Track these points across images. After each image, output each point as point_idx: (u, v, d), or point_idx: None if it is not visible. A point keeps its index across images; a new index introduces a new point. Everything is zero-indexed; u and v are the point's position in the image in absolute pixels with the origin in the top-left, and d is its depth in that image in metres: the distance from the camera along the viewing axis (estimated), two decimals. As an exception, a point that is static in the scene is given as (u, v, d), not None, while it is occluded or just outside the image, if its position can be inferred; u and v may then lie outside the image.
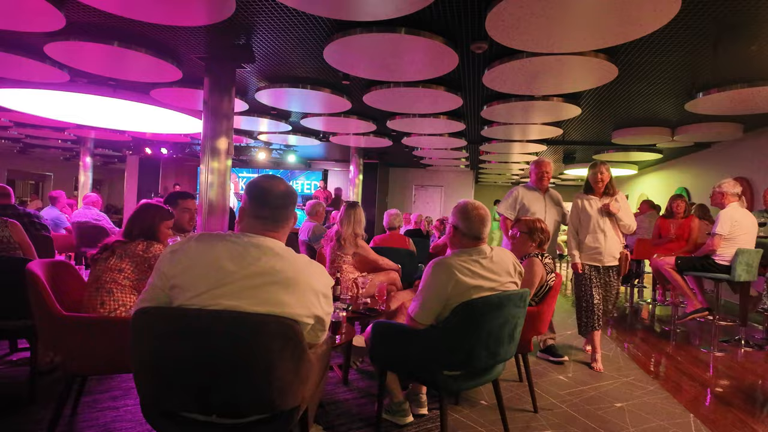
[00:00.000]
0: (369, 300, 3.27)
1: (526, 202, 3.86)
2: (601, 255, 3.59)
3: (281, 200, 1.52)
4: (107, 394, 2.60)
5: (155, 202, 2.54)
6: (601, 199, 3.63)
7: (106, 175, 17.34)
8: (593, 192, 3.68)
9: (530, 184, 3.99)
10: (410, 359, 2.10)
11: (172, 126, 7.91)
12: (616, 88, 5.00)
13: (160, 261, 1.46)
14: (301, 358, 1.48)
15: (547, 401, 2.87)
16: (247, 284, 1.40)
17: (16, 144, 11.90)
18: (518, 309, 2.06)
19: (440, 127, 7.21)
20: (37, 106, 6.73)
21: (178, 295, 1.41)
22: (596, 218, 3.58)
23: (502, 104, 5.55)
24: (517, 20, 3.31)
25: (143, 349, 1.45)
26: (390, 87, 5.18)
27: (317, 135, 8.74)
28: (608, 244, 3.57)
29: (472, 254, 1.98)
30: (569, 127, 6.94)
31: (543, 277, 2.60)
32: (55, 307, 1.91)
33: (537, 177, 3.92)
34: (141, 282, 2.27)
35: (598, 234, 3.58)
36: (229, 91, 4.80)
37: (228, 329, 1.38)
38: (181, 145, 11.16)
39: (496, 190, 16.33)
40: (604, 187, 3.63)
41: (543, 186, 3.93)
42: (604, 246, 3.57)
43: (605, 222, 3.58)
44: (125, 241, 2.22)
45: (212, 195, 4.74)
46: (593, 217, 3.60)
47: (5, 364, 3.00)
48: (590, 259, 3.62)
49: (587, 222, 3.62)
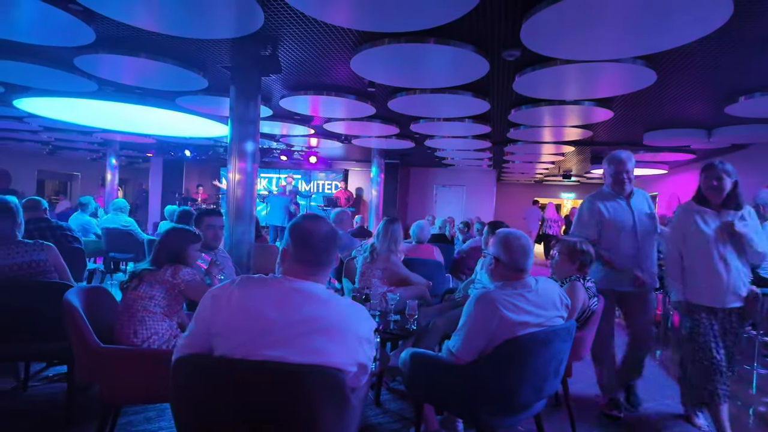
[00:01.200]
0: (399, 317, 3.20)
1: (608, 215, 2.94)
2: (721, 293, 2.58)
3: (324, 243, 1.46)
4: (141, 415, 2.60)
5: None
6: (720, 214, 2.63)
7: (131, 174, 17.65)
8: (707, 204, 2.67)
9: (606, 189, 3.06)
10: (449, 394, 2.03)
11: (197, 130, 7.98)
12: (652, 92, 4.81)
13: (201, 307, 1.42)
14: (344, 407, 1.43)
15: (584, 428, 2.76)
16: (290, 333, 1.35)
17: (45, 146, 12.19)
18: (565, 344, 1.96)
19: (465, 130, 7.08)
20: (66, 113, 6.85)
21: (221, 344, 1.36)
22: (713, 241, 2.58)
23: (532, 108, 5.41)
24: (553, 28, 3.18)
25: (184, 396, 1.41)
26: (416, 93, 5.09)
27: (339, 138, 8.69)
28: (731, 278, 2.57)
29: (517, 287, 1.89)
30: (599, 128, 6.73)
31: (585, 302, 2.49)
32: (93, 340, 1.90)
33: (614, 180, 2.97)
34: (171, 308, 2.26)
35: (716, 263, 2.57)
36: (255, 99, 4.77)
37: (271, 381, 1.34)
38: (204, 147, 11.26)
39: (519, 189, 16.09)
40: (725, 198, 2.64)
41: (624, 191, 2.99)
42: (726, 280, 2.56)
43: (727, 246, 2.58)
44: (154, 269, 2.20)
45: (239, 195, 4.71)
46: (709, 240, 2.58)
47: (41, 381, 3.04)
48: (704, 297, 2.61)
49: (699, 245, 2.60)
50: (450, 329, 3.27)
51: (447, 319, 3.30)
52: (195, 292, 2.23)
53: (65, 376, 2.95)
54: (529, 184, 16.25)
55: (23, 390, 2.86)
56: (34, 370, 3.10)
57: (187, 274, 2.22)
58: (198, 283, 2.25)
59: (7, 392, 2.80)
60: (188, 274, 2.22)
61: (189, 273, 2.22)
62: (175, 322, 2.29)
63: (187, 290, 2.22)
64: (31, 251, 2.48)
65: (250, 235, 4.85)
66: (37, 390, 2.91)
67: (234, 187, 4.71)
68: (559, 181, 14.71)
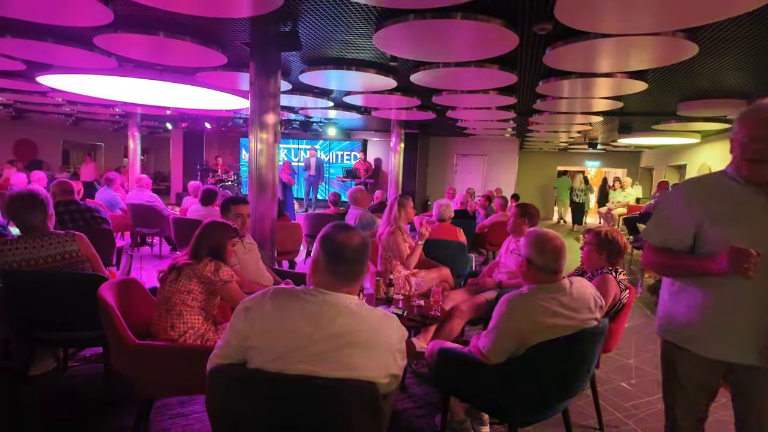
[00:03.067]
0: (423, 302, 3.19)
1: (718, 212, 1.61)
2: None
3: (356, 255, 1.43)
4: (176, 399, 2.69)
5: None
6: None
7: (152, 143, 17.82)
8: None
9: (729, 172, 1.67)
10: (478, 391, 2.03)
11: (217, 103, 7.92)
12: (690, 63, 4.53)
13: (234, 318, 1.43)
14: (377, 416, 1.44)
15: (612, 416, 2.77)
16: (324, 347, 1.35)
17: (68, 118, 12.33)
18: (597, 344, 1.93)
19: (489, 102, 6.86)
20: (87, 89, 6.85)
21: (255, 357, 1.37)
22: None
23: (561, 81, 5.18)
24: (588, 2, 2.99)
25: (220, 405, 1.44)
26: (440, 67, 4.91)
27: (359, 110, 8.54)
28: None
29: (551, 291, 1.85)
30: (630, 99, 6.43)
31: (616, 296, 2.43)
32: (128, 337, 1.95)
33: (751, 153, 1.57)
34: (209, 302, 2.29)
35: None
36: (275, 74, 4.69)
37: (306, 395, 1.35)
38: (224, 119, 11.23)
39: (542, 157, 15.72)
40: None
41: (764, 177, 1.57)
42: None
43: None
44: (193, 262, 2.22)
45: (262, 164, 4.70)
46: None
47: (79, 361, 3.16)
48: None
49: None
50: (474, 315, 3.28)
51: (471, 304, 3.29)
52: (229, 295, 2.26)
53: (101, 357, 3.07)
54: (553, 152, 15.84)
55: (63, 371, 2.99)
56: (72, 350, 3.22)
57: (227, 274, 2.23)
58: (234, 288, 2.27)
59: (49, 373, 2.93)
60: (228, 274, 2.23)
61: (229, 274, 2.24)
62: (211, 316, 2.32)
63: (223, 291, 2.24)
64: (63, 242, 2.52)
65: (273, 210, 4.87)
66: (77, 371, 3.03)
67: (256, 159, 4.70)
68: (584, 149, 14.31)
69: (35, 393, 2.70)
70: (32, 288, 2.43)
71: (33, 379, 2.78)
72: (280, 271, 3.70)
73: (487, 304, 3.24)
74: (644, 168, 15.10)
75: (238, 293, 2.26)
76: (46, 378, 2.89)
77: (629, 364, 3.51)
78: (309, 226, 6.07)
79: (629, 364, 3.52)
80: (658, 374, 3.26)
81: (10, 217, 2.58)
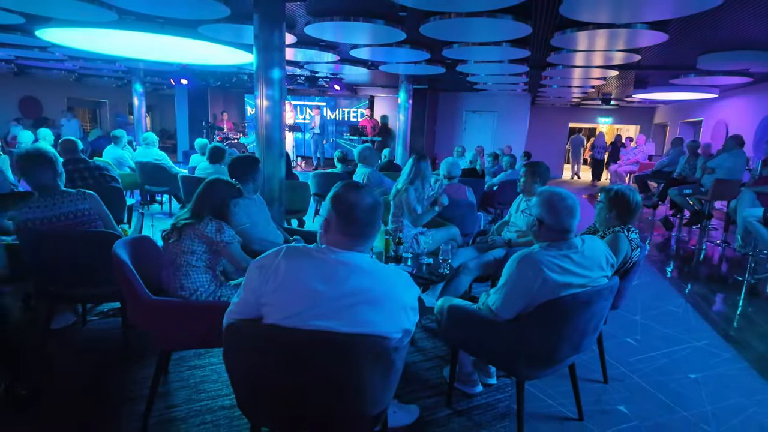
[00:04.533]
0: (432, 260, 3.21)
1: None
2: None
3: (368, 216, 1.43)
4: (192, 351, 2.78)
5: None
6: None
7: (156, 100, 17.60)
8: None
9: None
10: (487, 347, 2.07)
11: (221, 58, 7.73)
12: (714, 13, 4.31)
13: (248, 277, 1.44)
14: (390, 369, 1.48)
15: (617, 370, 2.83)
16: (338, 305, 1.37)
17: (71, 74, 12.14)
18: (607, 302, 1.94)
19: (502, 55, 6.63)
20: (88, 43, 6.70)
21: (271, 314, 1.40)
22: None
23: (578, 33, 4.96)
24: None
25: (238, 361, 1.48)
26: (451, 17, 4.71)
27: (366, 64, 8.30)
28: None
29: (562, 248, 1.84)
30: (649, 52, 6.18)
31: (627, 254, 2.42)
32: (144, 293, 1.98)
33: None
34: (214, 260, 2.29)
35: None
36: (279, 26, 4.55)
37: (321, 350, 1.38)
38: (228, 75, 11.00)
39: (553, 112, 15.34)
40: None
41: None
42: None
43: None
44: (194, 221, 2.20)
45: (268, 122, 4.64)
46: None
47: (98, 315, 3.26)
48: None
49: None
50: (482, 273, 3.31)
51: (479, 262, 3.31)
52: (231, 256, 2.24)
53: (119, 311, 3.16)
54: (565, 107, 15.44)
55: (82, 325, 3.08)
56: (90, 305, 3.31)
57: (229, 236, 2.21)
58: (236, 250, 2.24)
59: (69, 328, 3.02)
60: (230, 236, 2.21)
61: (231, 236, 2.22)
62: (218, 271, 2.35)
63: (224, 251, 2.22)
64: (75, 201, 2.53)
65: (281, 169, 4.84)
66: (95, 325, 3.13)
67: (262, 115, 4.63)
68: (597, 105, 13.93)
69: (57, 346, 2.80)
70: (47, 246, 2.47)
71: (54, 333, 2.87)
72: (290, 229, 3.73)
73: (495, 263, 3.26)
74: (657, 124, 14.73)
75: (241, 255, 2.25)
76: (67, 332, 2.99)
77: (635, 321, 3.55)
78: (317, 184, 6.06)
79: (635, 320, 3.56)
80: (662, 330, 3.33)
81: (21, 175, 2.59)
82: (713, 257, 5.88)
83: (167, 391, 2.38)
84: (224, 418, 2.19)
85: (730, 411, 2.46)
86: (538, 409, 2.40)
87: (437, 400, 2.40)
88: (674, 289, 4.36)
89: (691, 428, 2.30)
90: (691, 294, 4.28)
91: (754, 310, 3.95)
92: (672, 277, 4.79)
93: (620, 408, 2.45)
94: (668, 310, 3.81)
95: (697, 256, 5.78)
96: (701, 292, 4.37)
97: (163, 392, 2.36)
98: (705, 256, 5.88)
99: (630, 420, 2.35)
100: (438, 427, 2.20)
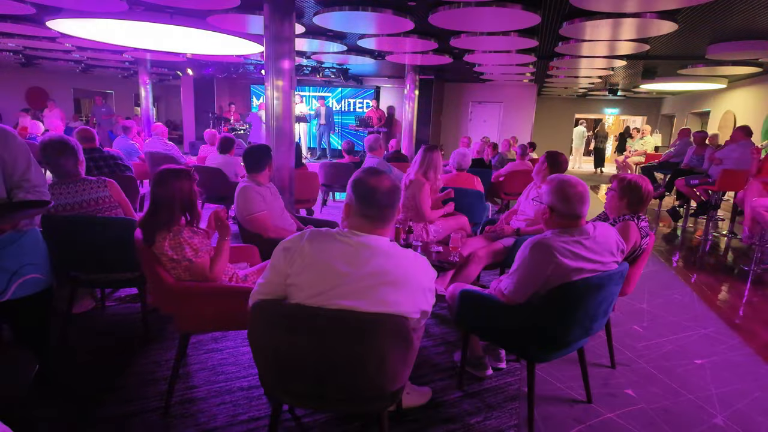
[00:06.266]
0: (441, 249, 3.27)
1: None
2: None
3: (388, 198, 1.49)
4: (209, 335, 2.86)
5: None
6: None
7: (162, 92, 17.64)
8: None
9: None
10: (499, 330, 2.13)
11: (229, 48, 7.75)
12: (725, 2, 4.30)
13: (274, 258, 1.50)
14: (408, 348, 1.54)
15: (624, 356, 2.88)
16: (361, 285, 1.42)
17: (78, 65, 12.18)
18: (617, 286, 1.99)
19: (509, 44, 6.62)
20: (97, 34, 6.73)
21: (295, 293, 1.46)
22: None
23: (587, 22, 4.96)
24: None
25: (262, 339, 1.54)
26: (460, 6, 4.72)
27: (373, 54, 8.30)
28: None
29: (574, 234, 1.89)
30: (658, 41, 6.16)
31: (637, 242, 2.46)
32: (167, 277, 2.05)
33: None
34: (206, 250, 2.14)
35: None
36: (290, 15, 4.57)
37: (344, 328, 1.44)
38: (234, 65, 11.01)
39: (560, 103, 15.29)
40: None
41: None
42: None
43: None
44: (146, 246, 2.02)
45: (278, 112, 4.68)
46: None
47: (116, 301, 3.34)
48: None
49: None
50: (490, 261, 3.36)
51: (488, 251, 3.36)
52: (193, 275, 2.06)
53: (137, 296, 3.24)
54: (571, 98, 15.37)
55: (102, 309, 3.17)
56: (108, 290, 3.39)
57: (191, 249, 2.02)
58: (201, 266, 2.05)
59: (89, 313, 3.11)
60: (192, 250, 2.03)
61: (193, 249, 2.03)
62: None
63: (190, 270, 2.06)
64: (96, 188, 2.59)
65: (291, 159, 4.89)
66: (114, 310, 3.21)
67: (272, 108, 4.67)
68: (604, 95, 13.87)
69: (78, 330, 2.88)
70: (69, 232, 2.54)
71: (75, 317, 2.95)
72: (302, 218, 3.79)
73: (504, 251, 3.31)
74: (665, 115, 14.65)
75: (202, 272, 2.03)
76: (87, 316, 3.07)
77: (642, 308, 3.60)
78: (325, 175, 6.11)
79: (642, 308, 3.61)
80: (669, 318, 3.37)
81: (44, 163, 2.65)
82: (719, 248, 5.90)
83: (187, 373, 2.46)
84: (243, 398, 2.26)
85: (735, 395, 2.51)
86: (547, 391, 2.46)
87: (448, 383, 2.47)
88: (680, 279, 4.40)
89: (697, 411, 2.36)
90: (698, 283, 4.32)
91: (760, 300, 3.99)
92: (678, 267, 4.83)
93: (627, 391, 2.50)
94: (675, 298, 3.86)
95: (703, 247, 5.80)
96: (707, 281, 4.40)
97: (182, 374, 2.43)
98: (711, 246, 5.90)
99: (637, 402, 2.41)
100: (450, 408, 2.27)
